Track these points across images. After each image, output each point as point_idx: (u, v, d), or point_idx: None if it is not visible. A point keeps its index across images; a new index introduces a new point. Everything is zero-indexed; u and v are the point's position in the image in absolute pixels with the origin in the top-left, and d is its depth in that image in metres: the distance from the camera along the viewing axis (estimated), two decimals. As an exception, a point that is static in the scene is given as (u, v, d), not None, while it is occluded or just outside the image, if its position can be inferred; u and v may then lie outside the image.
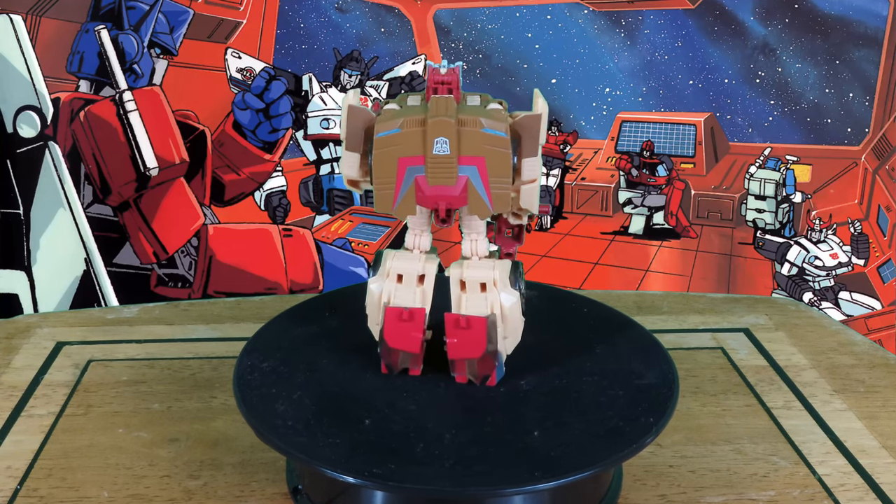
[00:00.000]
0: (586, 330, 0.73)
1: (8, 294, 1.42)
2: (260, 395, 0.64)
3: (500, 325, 0.63)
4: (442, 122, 0.58)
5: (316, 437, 0.60)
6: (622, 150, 1.46)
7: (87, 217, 1.42)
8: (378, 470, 0.56)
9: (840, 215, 1.46)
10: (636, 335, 0.73)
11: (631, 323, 0.74)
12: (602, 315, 0.76)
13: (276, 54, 1.41)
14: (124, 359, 0.86)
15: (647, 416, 0.61)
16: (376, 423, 0.61)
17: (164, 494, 0.67)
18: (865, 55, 1.40)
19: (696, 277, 1.48)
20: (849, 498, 0.67)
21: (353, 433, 0.60)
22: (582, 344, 0.70)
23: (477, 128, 0.58)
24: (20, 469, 0.70)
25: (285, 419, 0.61)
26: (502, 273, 0.63)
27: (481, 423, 0.61)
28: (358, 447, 0.59)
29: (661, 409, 0.62)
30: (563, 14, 1.40)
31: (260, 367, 0.67)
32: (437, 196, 0.60)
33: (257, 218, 1.45)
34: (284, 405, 0.63)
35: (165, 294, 1.45)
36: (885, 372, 0.85)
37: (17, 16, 1.36)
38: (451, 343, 0.63)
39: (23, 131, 1.38)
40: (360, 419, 0.61)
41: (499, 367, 0.64)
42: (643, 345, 0.71)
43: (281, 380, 0.66)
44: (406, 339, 0.64)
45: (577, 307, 0.77)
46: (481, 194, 0.60)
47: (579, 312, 0.76)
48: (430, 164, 0.59)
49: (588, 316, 0.76)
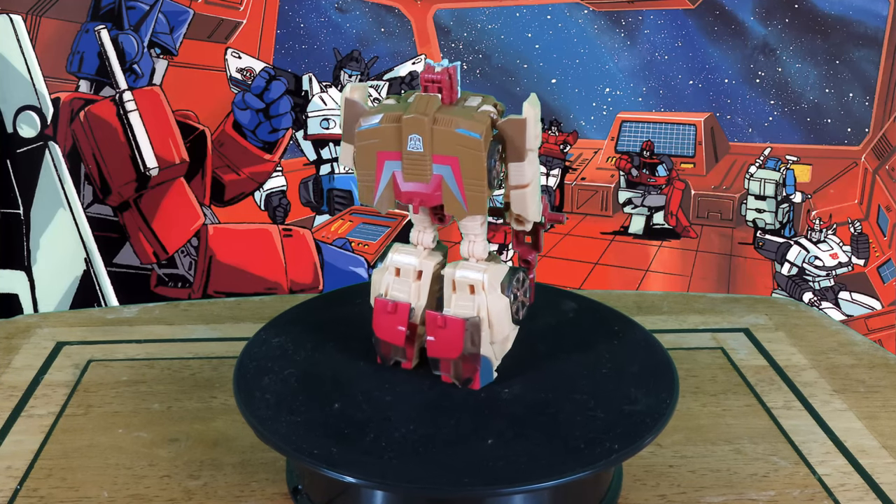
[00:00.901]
0: (586, 331, 0.73)
1: (8, 294, 1.42)
2: (256, 367, 0.67)
3: (485, 330, 0.62)
4: (416, 119, 0.58)
5: (281, 412, 0.62)
6: (622, 150, 1.46)
7: (87, 217, 1.42)
8: (317, 451, 0.58)
9: (840, 215, 1.46)
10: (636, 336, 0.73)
11: (631, 323, 0.74)
12: (602, 315, 0.76)
13: (276, 54, 1.41)
14: (124, 359, 0.86)
15: (611, 444, 0.59)
16: (345, 408, 0.62)
17: (164, 494, 0.67)
18: (865, 55, 1.40)
19: (696, 277, 1.48)
20: (849, 498, 0.67)
21: (316, 414, 0.61)
22: (579, 349, 0.70)
23: (451, 127, 0.58)
24: (20, 469, 0.70)
25: (264, 392, 0.64)
26: (493, 276, 0.62)
27: (443, 424, 0.61)
28: (313, 427, 0.60)
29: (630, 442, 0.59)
30: (563, 14, 1.40)
31: (270, 342, 0.70)
32: (411, 192, 0.60)
33: (257, 218, 1.45)
34: (271, 379, 0.65)
35: (165, 294, 1.45)
36: (885, 372, 0.85)
37: (17, 16, 1.36)
38: (429, 341, 0.63)
39: (23, 131, 1.38)
40: (331, 402, 0.63)
41: (484, 372, 0.64)
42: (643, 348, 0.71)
43: (283, 356, 0.68)
44: (391, 332, 0.65)
45: (578, 308, 0.77)
46: (455, 194, 0.59)
47: (579, 313, 0.76)
48: (405, 160, 0.59)
49: (587, 317, 0.76)
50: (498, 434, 0.60)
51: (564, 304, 0.77)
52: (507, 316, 0.63)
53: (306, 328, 0.72)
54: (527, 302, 0.65)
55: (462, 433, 0.60)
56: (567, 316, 0.75)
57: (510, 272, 0.63)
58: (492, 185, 0.59)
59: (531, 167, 0.60)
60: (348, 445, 0.59)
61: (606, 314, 0.76)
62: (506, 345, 0.65)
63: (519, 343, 0.68)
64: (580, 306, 0.77)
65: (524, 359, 0.68)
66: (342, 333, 0.71)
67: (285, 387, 0.65)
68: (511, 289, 0.63)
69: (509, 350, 0.66)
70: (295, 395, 0.64)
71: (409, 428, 0.61)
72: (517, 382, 0.66)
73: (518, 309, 0.64)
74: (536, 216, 0.63)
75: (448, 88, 0.59)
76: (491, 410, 0.63)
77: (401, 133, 0.58)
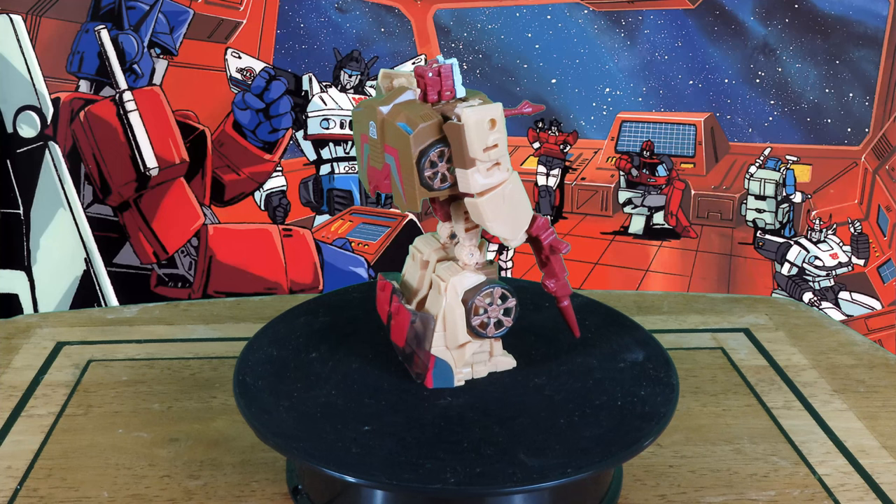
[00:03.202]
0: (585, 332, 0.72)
1: (8, 294, 1.42)
2: (257, 367, 0.67)
3: (439, 332, 0.63)
4: (370, 106, 0.60)
5: (281, 411, 0.62)
6: (622, 150, 1.46)
7: (87, 217, 1.42)
8: (317, 450, 0.58)
9: (840, 215, 1.46)
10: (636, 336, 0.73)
11: (631, 324, 0.74)
12: (601, 315, 0.76)
13: (276, 54, 1.41)
14: (124, 359, 0.86)
15: (611, 444, 0.59)
16: (345, 407, 0.62)
17: (164, 494, 0.67)
18: (865, 55, 1.40)
19: (696, 277, 1.48)
20: (849, 498, 0.67)
21: (317, 413, 0.62)
22: (578, 349, 0.70)
23: (394, 120, 0.58)
24: (20, 469, 0.70)
25: (264, 391, 0.65)
26: (457, 282, 0.62)
27: (444, 425, 0.61)
28: (314, 427, 0.60)
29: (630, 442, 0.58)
30: (563, 14, 1.40)
31: (270, 342, 0.70)
32: (370, 175, 0.62)
33: (257, 218, 1.46)
34: (272, 379, 0.66)
35: (165, 294, 1.45)
36: (885, 372, 0.85)
37: (17, 16, 1.36)
38: (391, 325, 0.66)
39: (23, 131, 1.38)
40: (331, 402, 0.63)
41: (438, 373, 0.64)
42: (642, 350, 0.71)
43: (282, 356, 0.69)
44: (380, 307, 0.67)
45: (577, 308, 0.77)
46: (397, 185, 0.60)
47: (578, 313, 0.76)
48: (369, 143, 0.61)
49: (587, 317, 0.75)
50: (498, 434, 0.60)
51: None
52: (461, 323, 0.63)
53: (306, 328, 0.72)
54: (505, 322, 0.64)
55: (463, 433, 0.60)
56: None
57: (483, 283, 0.63)
58: (426, 185, 0.59)
59: (483, 178, 0.58)
60: (348, 444, 0.59)
61: (606, 314, 0.76)
62: (465, 355, 0.64)
63: (519, 343, 0.68)
64: (580, 306, 0.77)
65: (523, 358, 0.68)
66: (343, 333, 0.71)
67: (285, 386, 0.65)
68: (475, 300, 0.62)
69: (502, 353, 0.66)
70: (295, 394, 0.64)
71: (409, 428, 0.61)
72: (517, 382, 0.66)
73: (485, 323, 0.63)
74: (508, 237, 0.61)
75: (434, 85, 0.59)
76: (491, 410, 0.63)
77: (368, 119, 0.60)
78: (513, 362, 0.67)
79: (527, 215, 0.61)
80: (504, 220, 0.60)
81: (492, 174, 0.59)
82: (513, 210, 0.60)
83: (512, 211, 0.60)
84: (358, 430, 0.60)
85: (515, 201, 0.60)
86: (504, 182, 0.59)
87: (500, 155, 0.58)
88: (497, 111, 0.57)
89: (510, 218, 0.61)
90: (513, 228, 0.61)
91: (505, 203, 0.60)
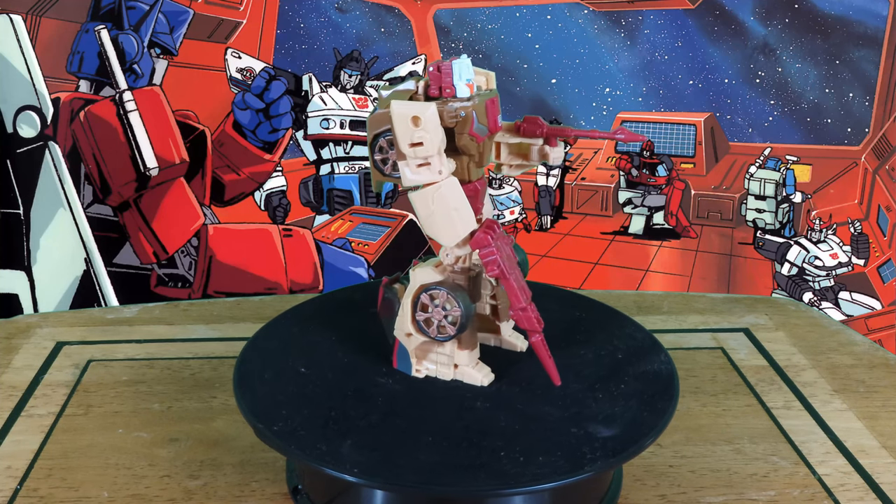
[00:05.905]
0: (585, 332, 0.73)
1: (8, 294, 1.42)
2: (256, 367, 0.67)
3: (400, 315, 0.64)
4: (379, 94, 0.61)
5: (281, 411, 0.62)
6: (622, 150, 1.46)
7: (87, 217, 1.42)
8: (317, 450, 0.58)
9: (840, 215, 1.46)
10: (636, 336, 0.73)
11: (631, 323, 0.74)
12: (601, 315, 0.76)
13: (276, 54, 1.41)
14: (124, 359, 0.86)
15: (611, 444, 0.59)
16: (345, 407, 0.63)
17: (164, 494, 0.67)
18: (865, 55, 1.40)
19: (696, 277, 1.48)
20: (849, 498, 0.67)
21: (316, 413, 0.62)
22: (578, 349, 0.70)
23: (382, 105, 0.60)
24: (20, 469, 0.70)
25: (264, 391, 0.65)
26: (419, 275, 0.63)
27: (445, 425, 0.61)
28: (313, 427, 0.60)
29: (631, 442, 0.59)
30: (563, 14, 1.40)
31: (270, 342, 0.71)
32: None
33: (257, 218, 1.45)
34: (271, 379, 0.66)
35: (165, 294, 1.45)
36: (885, 372, 0.85)
37: (17, 16, 1.36)
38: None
39: (23, 131, 1.38)
40: (332, 401, 0.63)
41: (401, 356, 0.66)
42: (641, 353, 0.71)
43: (282, 356, 0.69)
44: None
45: (577, 308, 0.77)
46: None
47: (578, 313, 0.76)
48: None
49: (587, 317, 0.75)
50: (498, 434, 0.60)
51: (564, 303, 0.77)
52: (409, 313, 0.64)
53: (306, 328, 0.72)
54: (448, 330, 0.63)
55: (463, 434, 0.60)
56: (566, 316, 0.75)
57: (436, 283, 0.63)
58: (378, 169, 0.60)
59: (411, 174, 0.59)
60: (348, 444, 0.59)
61: (606, 314, 0.76)
62: (411, 345, 0.65)
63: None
64: (579, 306, 0.77)
65: (523, 358, 0.68)
66: (343, 333, 0.71)
67: (285, 386, 0.65)
68: (421, 296, 0.63)
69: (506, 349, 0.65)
70: (295, 394, 0.64)
71: (410, 428, 0.61)
72: (517, 382, 0.66)
73: (429, 321, 0.63)
74: (441, 242, 0.62)
75: (435, 81, 0.59)
76: (491, 411, 0.63)
77: None
78: (483, 380, 0.65)
79: (463, 226, 0.60)
80: (433, 223, 0.60)
81: (420, 172, 0.59)
82: (445, 216, 0.60)
83: (444, 216, 0.60)
84: (358, 430, 0.60)
85: (448, 207, 0.60)
86: (434, 184, 0.59)
87: (427, 155, 0.58)
88: (425, 111, 0.57)
89: (442, 222, 0.60)
90: (444, 235, 0.61)
91: (434, 205, 0.60)
